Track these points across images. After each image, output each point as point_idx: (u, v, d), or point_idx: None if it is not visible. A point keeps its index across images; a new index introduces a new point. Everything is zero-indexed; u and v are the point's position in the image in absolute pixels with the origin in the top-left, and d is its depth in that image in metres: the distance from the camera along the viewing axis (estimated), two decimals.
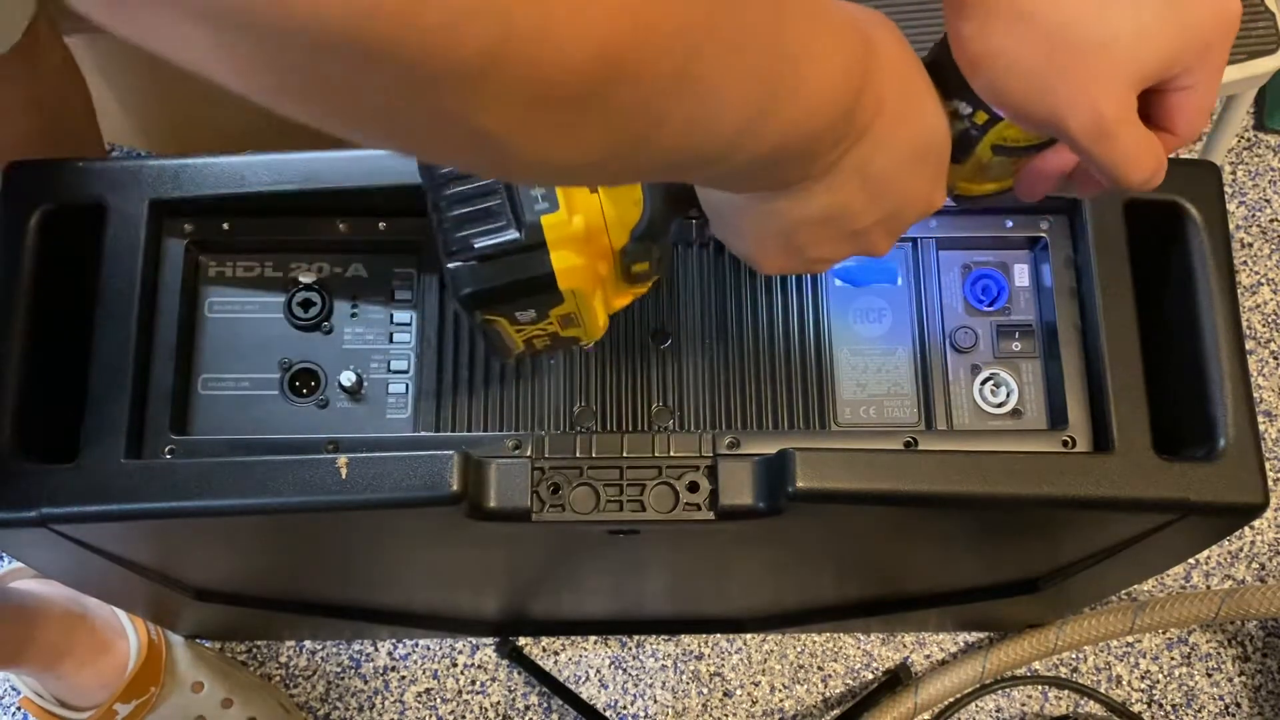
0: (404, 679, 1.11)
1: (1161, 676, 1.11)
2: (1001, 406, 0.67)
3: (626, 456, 0.63)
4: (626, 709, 1.10)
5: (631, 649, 1.12)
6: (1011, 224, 0.68)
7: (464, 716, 1.10)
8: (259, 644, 1.12)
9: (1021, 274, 0.69)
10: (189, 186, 0.66)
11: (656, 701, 1.10)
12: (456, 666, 1.11)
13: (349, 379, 0.66)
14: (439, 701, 1.10)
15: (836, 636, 1.12)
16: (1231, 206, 1.25)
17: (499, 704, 1.10)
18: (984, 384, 0.67)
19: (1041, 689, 1.11)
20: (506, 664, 1.11)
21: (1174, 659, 1.12)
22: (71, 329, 0.65)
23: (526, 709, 1.10)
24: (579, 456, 0.63)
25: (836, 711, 1.10)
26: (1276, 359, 1.20)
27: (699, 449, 0.63)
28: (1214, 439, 0.64)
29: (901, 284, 0.69)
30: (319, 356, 0.67)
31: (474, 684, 1.11)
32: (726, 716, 1.11)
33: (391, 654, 1.11)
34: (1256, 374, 1.19)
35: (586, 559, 0.81)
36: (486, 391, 0.67)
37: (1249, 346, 1.20)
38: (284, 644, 1.12)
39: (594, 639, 1.12)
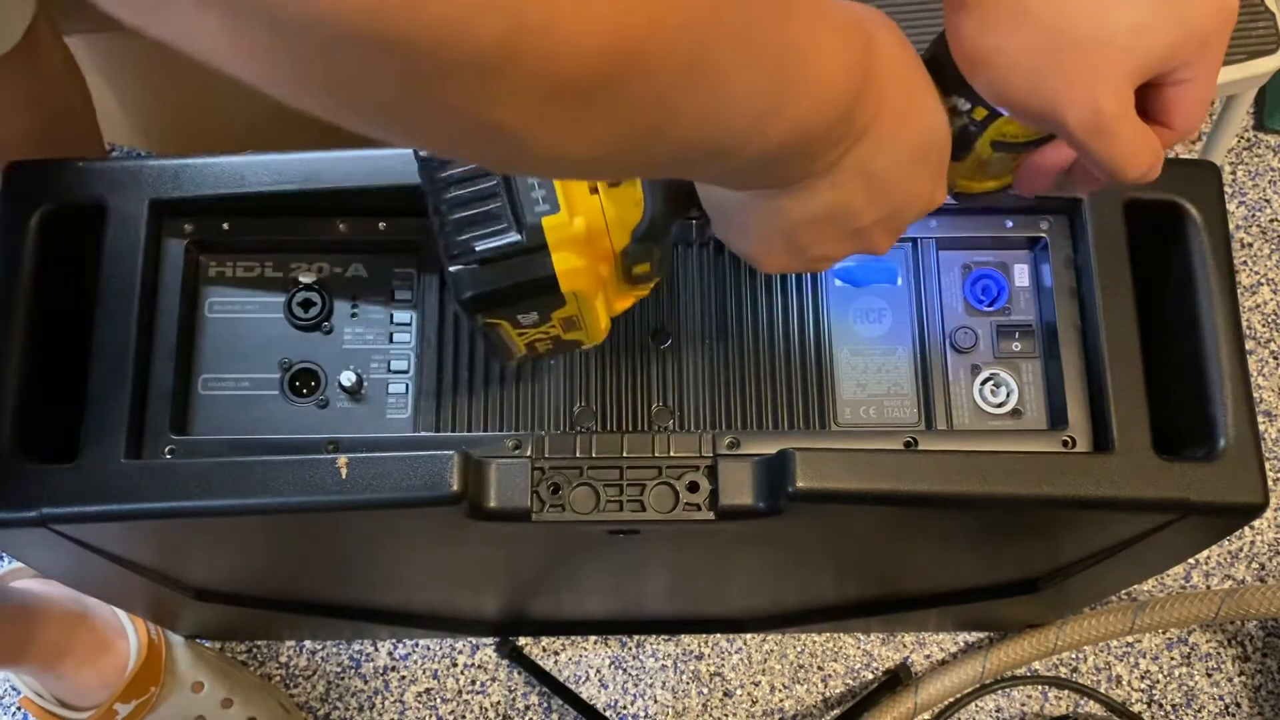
0: (404, 679, 1.11)
1: (1161, 676, 1.11)
2: (1001, 406, 0.67)
3: (626, 456, 0.63)
4: (626, 709, 1.10)
5: (631, 649, 1.12)
6: (1011, 224, 0.68)
7: (464, 716, 1.10)
8: (259, 644, 1.12)
9: (1021, 274, 0.69)
10: (189, 186, 0.66)
11: (656, 701, 1.10)
12: (456, 666, 1.11)
13: (349, 379, 0.66)
14: (439, 701, 1.10)
15: (836, 636, 1.12)
16: (1231, 206, 1.25)
17: (499, 704, 1.10)
18: (984, 384, 0.67)
19: (1041, 689, 1.11)
20: (506, 664, 1.11)
21: (1174, 659, 1.12)
22: (71, 329, 0.65)
23: (526, 709, 1.10)
24: (579, 456, 0.63)
25: (836, 711, 1.10)
26: (1276, 359, 1.20)
27: (699, 449, 0.63)
28: (1214, 439, 0.64)
29: (901, 284, 0.69)
30: (319, 356, 0.67)
31: (474, 684, 1.11)
32: (726, 716, 1.11)
33: (391, 654, 1.11)
34: (1256, 374, 1.19)
35: (586, 559, 0.81)
36: (486, 391, 0.67)
37: (1249, 346, 1.20)
38: (284, 644, 1.12)
39: (594, 639, 1.12)
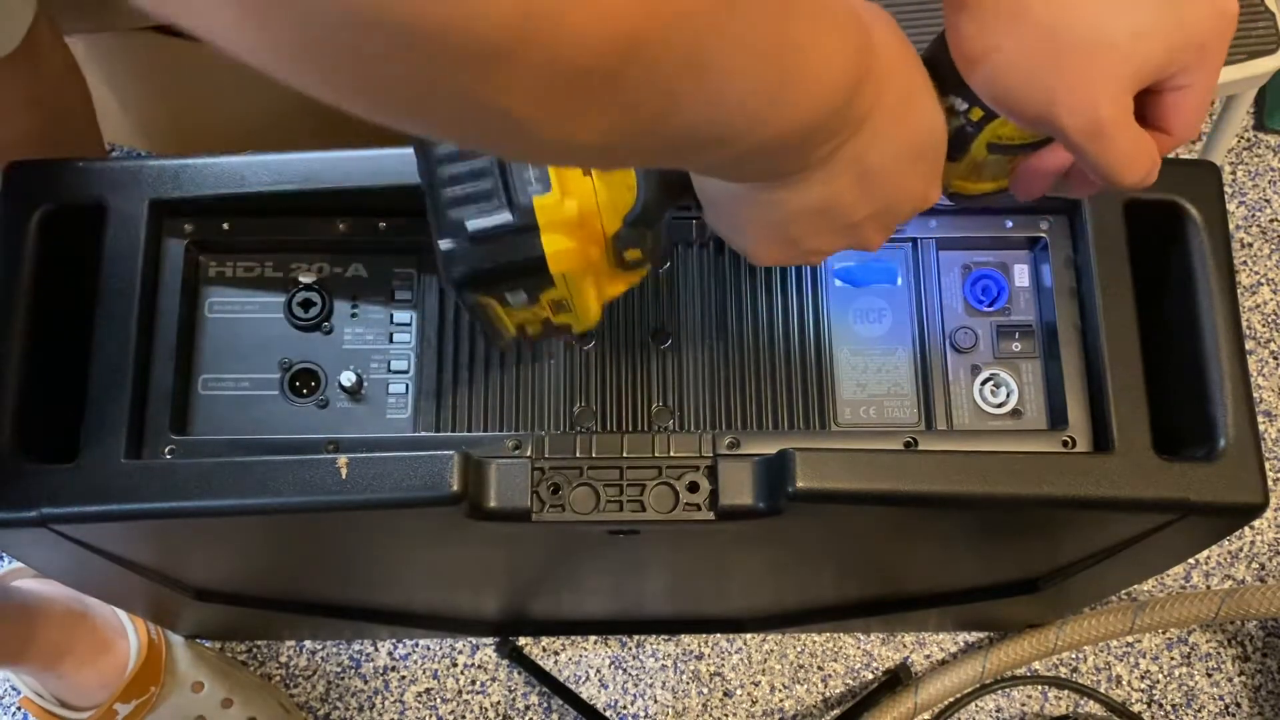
0: (404, 679, 1.11)
1: (1161, 676, 1.11)
2: (1001, 406, 0.67)
3: (626, 456, 0.63)
4: (626, 709, 1.10)
5: (631, 649, 1.12)
6: (1011, 224, 0.68)
7: (464, 716, 1.10)
8: (259, 644, 1.12)
9: (1021, 274, 0.69)
10: (189, 186, 0.66)
11: (656, 701, 1.10)
12: (456, 666, 1.11)
13: (349, 379, 0.66)
14: (439, 701, 1.10)
15: (836, 636, 1.12)
16: (1231, 206, 1.25)
17: (499, 704, 1.10)
18: (984, 384, 0.67)
19: (1041, 689, 1.11)
20: (506, 664, 1.11)
21: (1174, 659, 1.12)
22: (71, 329, 0.65)
23: (526, 709, 1.10)
24: (579, 456, 0.63)
25: (836, 711, 1.10)
26: (1276, 359, 1.20)
27: (699, 449, 0.63)
28: (1214, 439, 0.64)
29: (901, 284, 0.69)
30: (319, 356, 0.67)
31: (474, 684, 1.11)
32: (726, 716, 1.11)
33: (391, 654, 1.11)
34: (1256, 374, 1.19)
35: (586, 559, 0.81)
36: (486, 391, 0.67)
37: (1249, 346, 1.20)
38: (284, 644, 1.12)
39: (594, 639, 1.12)
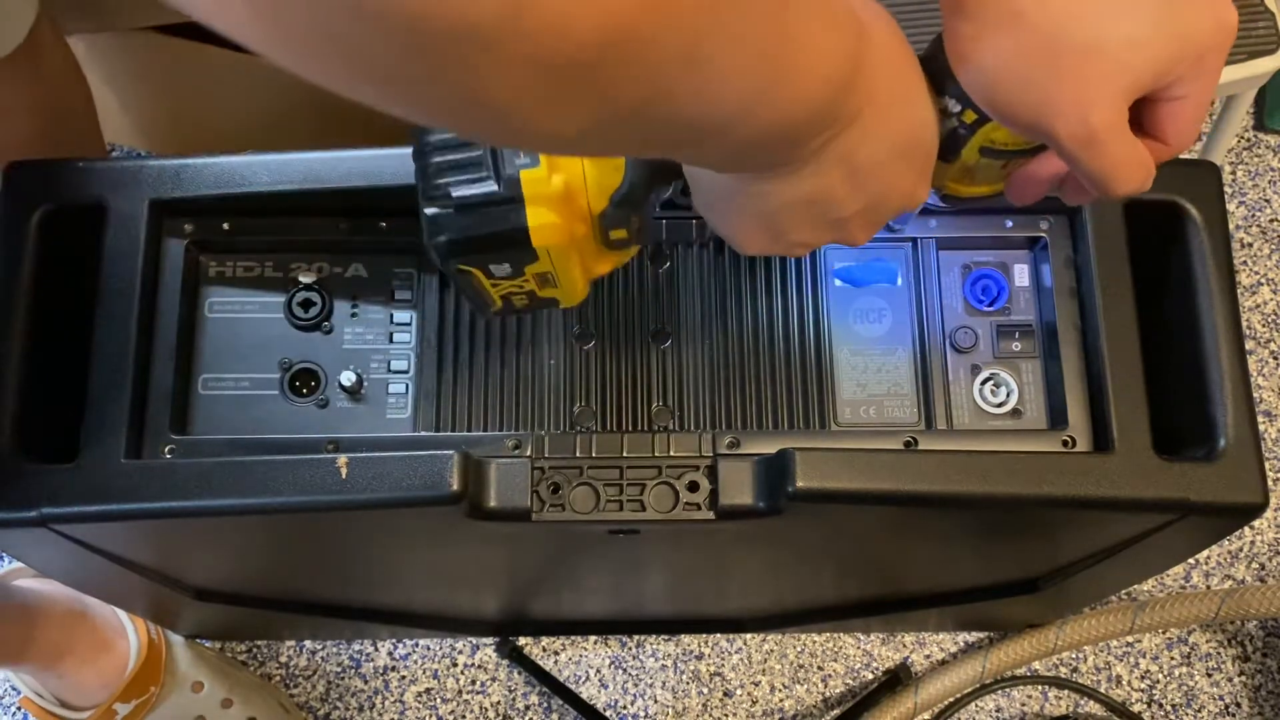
0: (404, 679, 1.11)
1: (1161, 676, 1.11)
2: (1001, 406, 0.67)
3: (626, 456, 0.63)
4: (626, 709, 1.10)
5: (631, 649, 1.12)
6: (1011, 224, 0.68)
7: (464, 716, 1.10)
8: (259, 644, 1.12)
9: (1021, 274, 0.69)
10: (189, 186, 0.66)
11: (656, 701, 1.10)
12: (456, 666, 1.11)
13: (349, 379, 0.66)
14: (439, 701, 1.10)
15: (836, 636, 1.12)
16: (1231, 206, 1.25)
17: (499, 704, 1.10)
18: (984, 384, 0.67)
19: (1041, 689, 1.11)
20: (506, 664, 1.11)
21: (1174, 659, 1.12)
22: (71, 329, 0.65)
23: (526, 709, 1.10)
24: (579, 456, 0.63)
25: (836, 711, 1.10)
26: (1276, 359, 1.20)
27: (699, 449, 0.63)
28: (1214, 439, 0.64)
29: (901, 284, 0.69)
30: (319, 356, 0.67)
31: (474, 684, 1.11)
32: (726, 716, 1.11)
33: (391, 654, 1.11)
34: (1256, 374, 1.19)
35: (586, 559, 0.81)
36: (486, 391, 0.67)
37: (1249, 346, 1.20)
38: (284, 644, 1.12)
39: (594, 639, 1.12)
